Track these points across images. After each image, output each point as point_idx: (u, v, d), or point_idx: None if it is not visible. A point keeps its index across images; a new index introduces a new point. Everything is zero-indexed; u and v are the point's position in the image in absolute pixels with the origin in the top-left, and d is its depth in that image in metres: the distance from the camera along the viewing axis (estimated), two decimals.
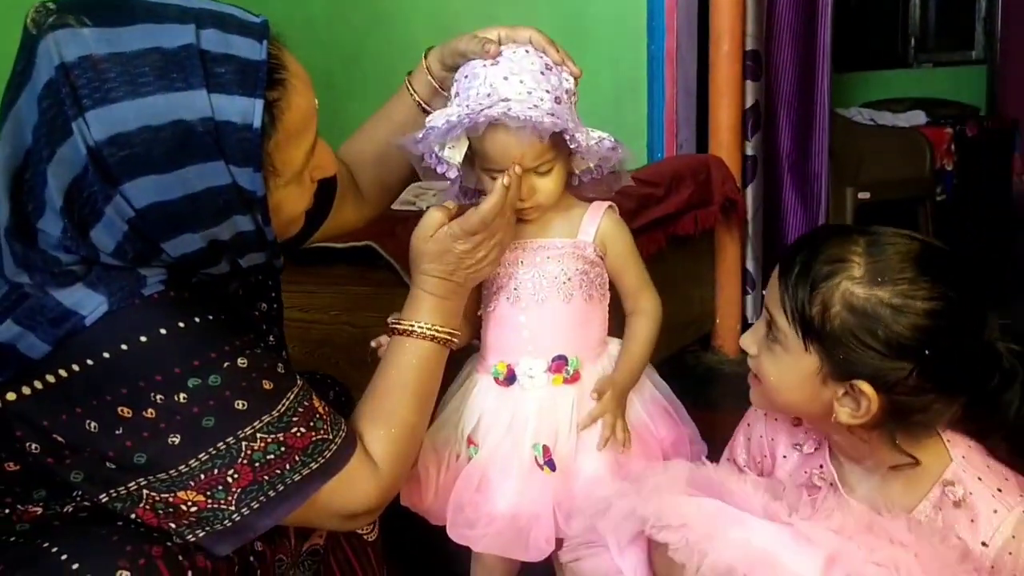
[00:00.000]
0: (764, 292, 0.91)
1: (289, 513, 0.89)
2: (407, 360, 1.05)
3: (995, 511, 0.83)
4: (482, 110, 1.04)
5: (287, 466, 0.88)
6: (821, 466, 0.98)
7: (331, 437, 0.93)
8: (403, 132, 1.17)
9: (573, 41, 1.13)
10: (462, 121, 1.04)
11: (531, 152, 1.08)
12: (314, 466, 0.90)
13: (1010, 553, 0.81)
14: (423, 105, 1.20)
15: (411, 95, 1.20)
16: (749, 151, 2.68)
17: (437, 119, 1.07)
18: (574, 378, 1.17)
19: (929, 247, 0.85)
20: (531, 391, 1.17)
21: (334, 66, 3.06)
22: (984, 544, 0.83)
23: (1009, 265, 4.24)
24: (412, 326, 1.07)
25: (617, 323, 1.24)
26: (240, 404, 0.86)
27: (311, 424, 0.91)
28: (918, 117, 4.05)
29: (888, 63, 5.59)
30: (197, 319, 0.85)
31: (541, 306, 1.17)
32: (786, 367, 0.88)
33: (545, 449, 1.13)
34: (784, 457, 1.02)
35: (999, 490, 0.85)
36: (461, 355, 1.26)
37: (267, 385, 0.88)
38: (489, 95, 1.05)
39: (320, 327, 1.79)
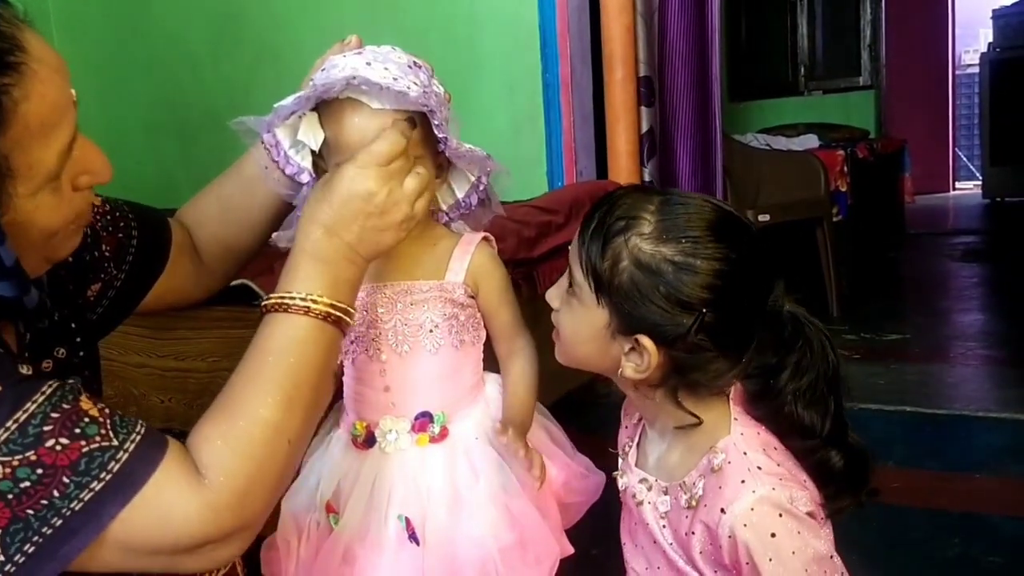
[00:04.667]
0: (569, 248, 0.91)
1: (79, 552, 0.68)
2: (274, 341, 0.80)
3: (743, 481, 0.83)
4: (335, 80, 0.91)
5: (55, 492, 0.68)
6: (631, 436, 1.00)
7: (116, 444, 0.71)
8: (252, 187, 1.05)
9: (468, 73, 1.07)
10: (311, 94, 0.92)
11: None
12: (97, 486, 0.69)
13: (745, 525, 0.81)
14: None
15: (264, 146, 1.06)
16: (647, 176, 2.68)
17: (286, 99, 0.95)
18: (441, 436, 1.04)
19: (719, 211, 0.86)
20: (393, 455, 1.03)
21: (220, 106, 2.94)
22: (723, 511, 0.83)
23: (903, 280, 4.38)
24: (283, 298, 0.82)
25: (490, 356, 1.12)
26: None
27: (76, 431, 0.70)
28: (811, 141, 4.18)
29: (780, 92, 5.79)
30: None
31: (404, 359, 1.02)
32: (580, 320, 0.89)
33: (408, 522, 1.00)
34: (625, 427, 1.04)
35: (759, 467, 0.84)
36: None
37: None
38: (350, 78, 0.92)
39: (197, 376, 1.65)
